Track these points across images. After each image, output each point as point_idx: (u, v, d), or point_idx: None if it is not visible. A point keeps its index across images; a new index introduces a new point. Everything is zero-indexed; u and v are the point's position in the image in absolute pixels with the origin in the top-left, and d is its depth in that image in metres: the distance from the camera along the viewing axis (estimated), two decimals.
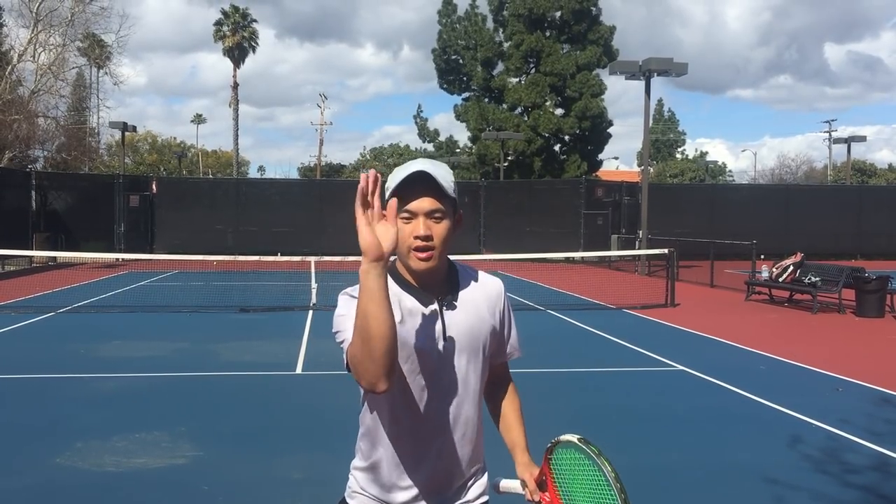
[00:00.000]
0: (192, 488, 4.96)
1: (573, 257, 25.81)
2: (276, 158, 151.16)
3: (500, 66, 38.09)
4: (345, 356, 1.86)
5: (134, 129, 32.52)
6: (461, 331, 2.00)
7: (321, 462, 5.47)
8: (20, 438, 6.05)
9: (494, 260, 22.54)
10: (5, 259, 21.72)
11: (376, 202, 1.73)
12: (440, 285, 2.00)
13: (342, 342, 1.89)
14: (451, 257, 2.11)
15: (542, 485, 2.09)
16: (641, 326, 12.53)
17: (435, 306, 1.98)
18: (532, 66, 36.92)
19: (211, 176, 57.84)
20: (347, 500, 2.11)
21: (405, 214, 1.90)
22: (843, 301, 14.20)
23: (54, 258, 24.04)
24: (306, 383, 8.35)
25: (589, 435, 2.02)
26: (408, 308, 1.95)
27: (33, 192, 25.73)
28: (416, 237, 1.89)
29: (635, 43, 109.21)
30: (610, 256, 24.53)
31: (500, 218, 28.66)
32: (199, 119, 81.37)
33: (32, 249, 22.70)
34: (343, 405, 7.04)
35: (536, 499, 2.07)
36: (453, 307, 2.00)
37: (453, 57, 39.21)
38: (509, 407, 2.23)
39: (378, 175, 1.73)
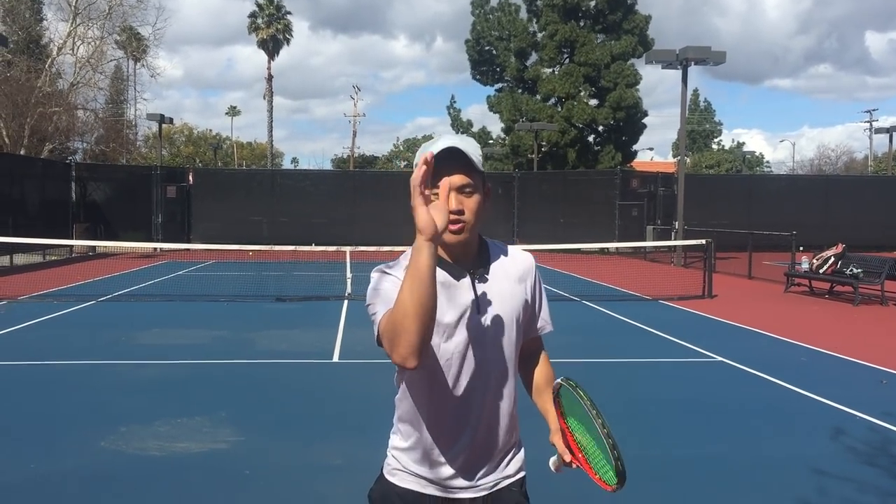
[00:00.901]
0: (234, 472, 5.01)
1: (608, 248, 25.64)
2: (309, 150, 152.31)
3: (534, 57, 37.87)
4: (376, 329, 1.89)
5: (171, 121, 32.90)
6: (494, 303, 2.01)
7: (359, 449, 5.49)
8: (65, 423, 6.15)
9: (528, 250, 22.41)
10: (47, 248, 22.12)
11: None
12: (472, 259, 2.03)
13: (374, 314, 1.92)
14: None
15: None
16: (679, 317, 12.42)
17: (467, 279, 2.00)
18: (566, 56, 36.66)
19: (245, 167, 58.36)
20: (388, 476, 2.12)
21: (436, 189, 1.91)
22: (885, 293, 13.94)
23: (94, 248, 24.45)
24: (343, 371, 8.40)
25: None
26: (441, 282, 1.95)
27: (73, 184, 26.20)
28: (450, 212, 1.91)
29: (671, 32, 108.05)
30: (645, 247, 24.32)
31: (533, 209, 28.54)
32: (233, 111, 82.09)
33: (73, 239, 23.11)
34: (380, 393, 7.06)
35: (568, 459, 2.01)
36: (485, 280, 2.02)
37: (486, 48, 39.08)
38: (541, 375, 2.22)
39: (430, 157, 1.75)
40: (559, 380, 2.01)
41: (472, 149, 1.95)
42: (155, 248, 25.47)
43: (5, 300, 13.20)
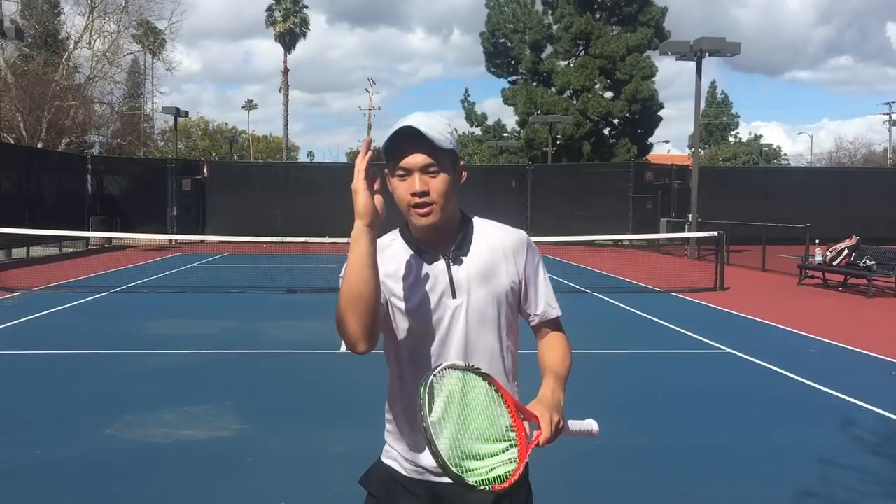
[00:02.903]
0: (237, 459, 5.04)
1: (621, 241, 25.55)
2: (326, 144, 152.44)
3: (549, 49, 37.78)
4: None
5: (186, 114, 33.09)
6: (472, 285, 1.93)
7: (362, 437, 5.48)
8: (73, 410, 6.22)
9: (541, 243, 22.38)
10: (63, 240, 22.30)
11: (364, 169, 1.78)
12: (449, 240, 1.95)
13: None
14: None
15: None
16: (689, 309, 12.35)
17: (441, 262, 1.93)
18: (581, 48, 36.52)
19: (260, 160, 58.59)
20: (382, 458, 2.11)
21: (400, 171, 1.88)
22: None
23: (110, 240, 24.64)
24: (349, 362, 8.36)
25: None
26: (414, 265, 1.92)
27: (89, 177, 26.47)
28: (413, 193, 1.86)
29: (689, 24, 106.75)
30: (659, 240, 24.20)
31: (547, 202, 28.50)
32: (250, 105, 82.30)
33: (89, 231, 23.29)
34: (384, 384, 7.08)
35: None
36: (460, 262, 1.94)
37: (501, 40, 38.99)
38: (548, 347, 2.07)
39: (370, 140, 1.77)
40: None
41: (438, 126, 1.86)
42: (170, 241, 25.63)
43: (20, 291, 13.33)
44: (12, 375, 7.48)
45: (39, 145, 30.16)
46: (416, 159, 1.86)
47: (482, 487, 1.64)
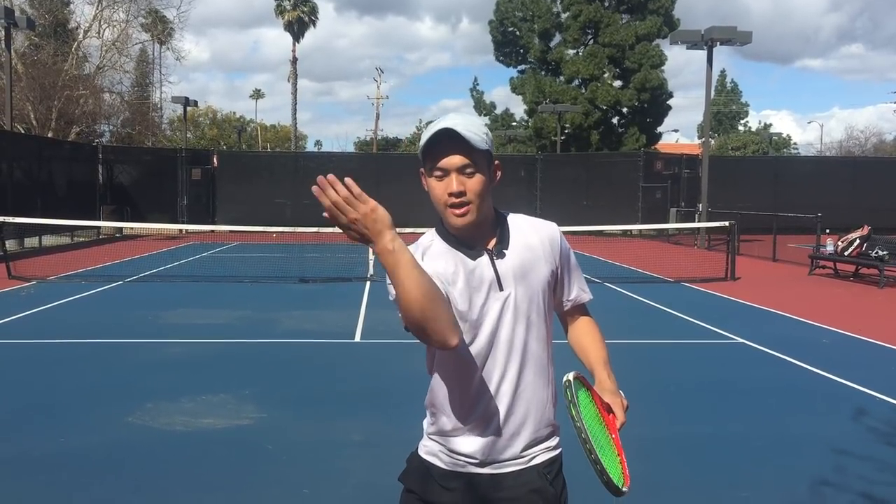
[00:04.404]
0: (257, 447, 5.11)
1: (631, 231, 25.56)
2: (334, 133, 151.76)
3: (558, 38, 37.61)
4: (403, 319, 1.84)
5: (195, 103, 33.16)
6: (516, 278, 1.98)
7: (379, 426, 5.57)
8: (93, 398, 6.30)
9: None
10: (74, 230, 22.43)
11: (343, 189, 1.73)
12: (488, 237, 2.00)
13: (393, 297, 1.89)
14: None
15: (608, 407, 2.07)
16: (700, 300, 12.38)
17: (485, 258, 1.97)
18: (590, 37, 36.39)
19: (269, 150, 58.64)
20: (420, 453, 2.12)
21: (438, 172, 1.91)
22: None
23: (121, 229, 24.77)
24: (365, 351, 8.49)
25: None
26: (458, 263, 1.96)
27: (100, 166, 26.55)
28: (450, 194, 1.90)
29: (699, 12, 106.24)
30: (668, 230, 24.19)
31: (556, 192, 28.49)
32: (257, 94, 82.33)
33: (100, 221, 23.41)
34: (400, 372, 7.16)
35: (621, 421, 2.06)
36: (503, 255, 1.99)
37: (510, 29, 38.84)
38: (583, 332, 2.22)
39: (330, 176, 1.72)
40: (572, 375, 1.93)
41: (473, 127, 1.91)
42: (180, 230, 25.79)
43: (34, 280, 13.44)
44: (32, 364, 7.57)
45: (50, 135, 30.27)
46: (454, 160, 1.90)
47: (625, 490, 1.86)
